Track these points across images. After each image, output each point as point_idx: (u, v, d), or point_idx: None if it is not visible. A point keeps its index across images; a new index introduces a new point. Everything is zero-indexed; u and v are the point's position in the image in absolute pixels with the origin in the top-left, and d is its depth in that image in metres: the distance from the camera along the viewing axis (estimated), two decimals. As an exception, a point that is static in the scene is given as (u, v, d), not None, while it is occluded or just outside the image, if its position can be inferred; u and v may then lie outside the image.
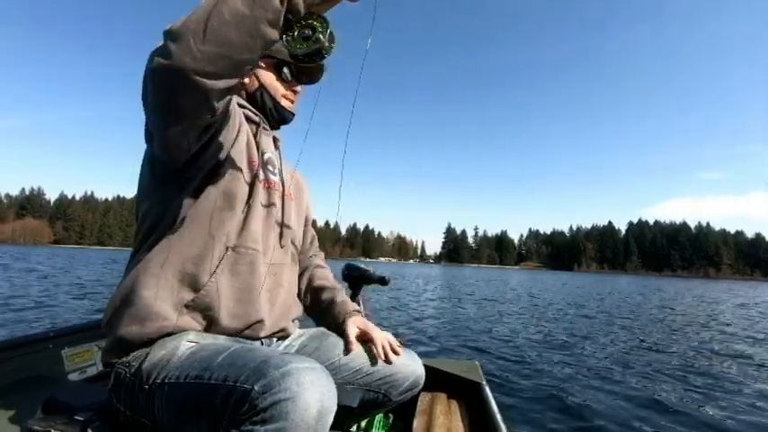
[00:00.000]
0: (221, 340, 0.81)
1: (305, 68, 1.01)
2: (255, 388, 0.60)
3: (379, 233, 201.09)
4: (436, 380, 1.22)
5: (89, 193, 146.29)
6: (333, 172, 0.88)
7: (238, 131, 0.89)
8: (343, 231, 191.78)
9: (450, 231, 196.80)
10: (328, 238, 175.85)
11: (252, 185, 0.89)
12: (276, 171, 0.99)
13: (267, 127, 1.01)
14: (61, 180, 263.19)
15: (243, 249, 0.85)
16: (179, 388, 0.68)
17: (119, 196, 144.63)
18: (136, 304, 0.76)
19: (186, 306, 0.79)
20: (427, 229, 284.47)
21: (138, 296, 0.77)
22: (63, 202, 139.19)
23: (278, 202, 0.97)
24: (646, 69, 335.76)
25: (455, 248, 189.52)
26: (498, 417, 1.13)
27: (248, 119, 0.96)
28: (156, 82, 0.65)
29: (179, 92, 0.65)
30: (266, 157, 0.97)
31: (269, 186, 0.95)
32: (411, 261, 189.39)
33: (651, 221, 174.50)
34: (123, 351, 0.77)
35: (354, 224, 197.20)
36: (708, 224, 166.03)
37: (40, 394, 0.98)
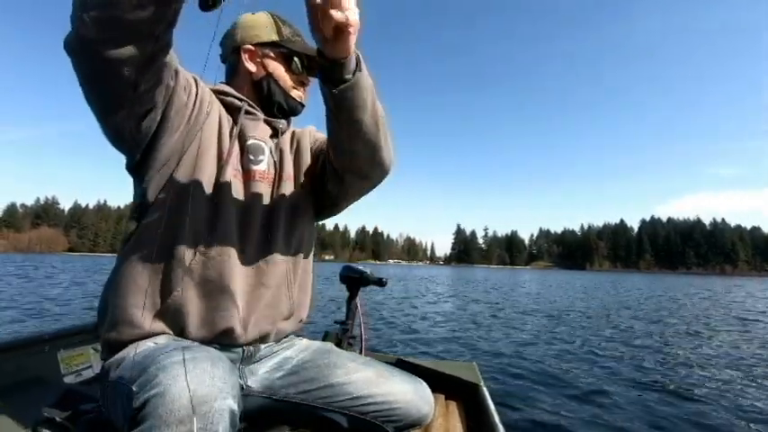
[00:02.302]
0: (182, 343, 0.73)
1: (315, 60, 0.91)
2: (134, 388, 0.56)
3: (389, 235, 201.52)
4: (434, 381, 1.23)
5: (102, 201, 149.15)
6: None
7: (205, 121, 0.83)
8: (353, 234, 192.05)
9: (459, 232, 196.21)
10: (338, 241, 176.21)
11: (218, 179, 0.82)
12: (264, 158, 0.91)
13: (256, 113, 0.92)
14: (75, 189, 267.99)
15: (212, 252, 0.79)
16: (116, 390, 0.65)
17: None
18: (112, 311, 0.76)
19: (157, 313, 0.76)
20: (437, 231, 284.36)
21: (112, 303, 0.77)
22: (77, 210, 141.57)
23: (264, 192, 0.89)
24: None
25: (465, 249, 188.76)
26: (496, 418, 1.12)
27: (228, 106, 0.89)
28: (71, 59, 0.62)
29: (84, 65, 0.62)
30: (249, 143, 0.89)
31: (249, 177, 0.88)
32: (420, 263, 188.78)
33: (664, 219, 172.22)
34: (108, 353, 0.77)
35: (363, 227, 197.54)
36: (723, 220, 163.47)
37: (35, 397, 0.96)
